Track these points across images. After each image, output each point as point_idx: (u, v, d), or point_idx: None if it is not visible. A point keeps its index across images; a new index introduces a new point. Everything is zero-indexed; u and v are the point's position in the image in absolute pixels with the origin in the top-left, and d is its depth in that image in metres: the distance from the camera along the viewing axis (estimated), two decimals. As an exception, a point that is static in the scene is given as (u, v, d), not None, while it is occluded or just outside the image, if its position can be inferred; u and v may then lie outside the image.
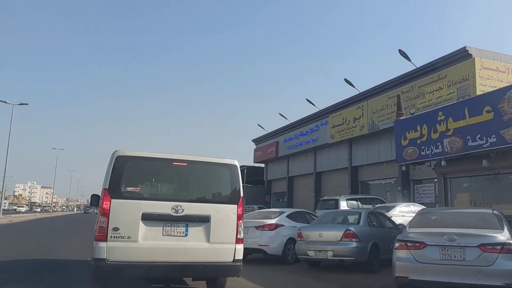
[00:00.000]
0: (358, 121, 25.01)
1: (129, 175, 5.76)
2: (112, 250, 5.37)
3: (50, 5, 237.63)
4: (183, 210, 5.72)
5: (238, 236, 5.98)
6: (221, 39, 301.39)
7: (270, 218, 10.61)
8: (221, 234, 5.88)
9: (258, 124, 39.43)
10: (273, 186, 40.90)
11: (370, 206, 17.92)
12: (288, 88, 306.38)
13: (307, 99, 30.23)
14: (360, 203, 17.89)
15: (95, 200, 6.18)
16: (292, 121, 34.45)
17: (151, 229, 5.59)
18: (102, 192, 5.61)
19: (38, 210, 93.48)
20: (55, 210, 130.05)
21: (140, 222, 5.53)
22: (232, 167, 6.25)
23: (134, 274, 5.59)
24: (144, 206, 5.63)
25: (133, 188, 5.72)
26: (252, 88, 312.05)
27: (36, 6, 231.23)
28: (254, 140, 42.37)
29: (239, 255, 5.95)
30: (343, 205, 17.27)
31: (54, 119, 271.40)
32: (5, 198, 70.89)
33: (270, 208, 29.08)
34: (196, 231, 5.76)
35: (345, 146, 28.04)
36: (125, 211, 5.55)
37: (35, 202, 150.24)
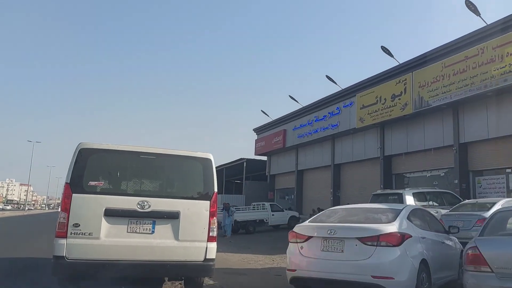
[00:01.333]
0: (399, 99, 20.11)
1: (92, 169, 5.51)
2: (72, 247, 5.11)
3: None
4: (149, 206, 5.41)
5: (211, 234, 5.60)
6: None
7: (381, 221, 5.54)
8: (191, 232, 5.52)
9: (262, 111, 34.30)
10: (277, 182, 35.86)
11: (441, 202, 13.20)
12: (300, 66, 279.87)
13: (327, 76, 25.26)
14: (429, 198, 13.07)
15: None
16: (304, 105, 29.43)
17: (114, 225, 5.30)
18: (64, 186, 5.38)
19: (8, 207, 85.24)
20: (32, 208, 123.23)
21: (103, 218, 5.26)
22: (205, 161, 5.89)
23: (95, 273, 5.25)
24: (107, 201, 5.34)
25: (96, 182, 5.45)
26: (254, 69, 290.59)
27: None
28: (255, 130, 37.17)
29: (211, 254, 5.56)
30: (409, 200, 12.46)
31: (32, 111, 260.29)
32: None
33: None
34: (163, 228, 5.44)
35: (375, 131, 23.18)
36: (87, 207, 5.25)
37: (12, 200, 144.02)
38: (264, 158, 37.41)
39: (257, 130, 36.87)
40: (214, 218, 5.66)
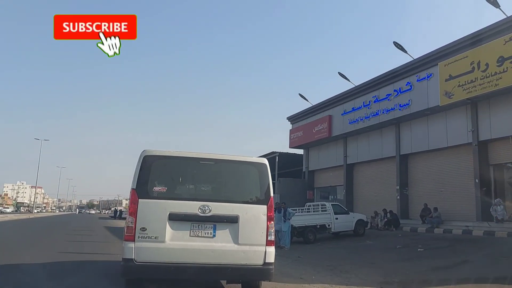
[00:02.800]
0: (511, 62, 14.95)
1: (156, 175, 5.72)
2: (139, 250, 5.29)
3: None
4: (210, 210, 5.53)
5: (269, 238, 5.65)
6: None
7: None
8: (250, 236, 5.60)
9: (300, 94, 29.25)
10: (316, 179, 30.82)
11: None
12: (351, 39, 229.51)
13: (394, 43, 20.20)
14: None
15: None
16: (357, 84, 24.35)
17: (178, 229, 5.47)
18: (130, 192, 5.58)
19: (8, 210, 79.24)
20: (43, 210, 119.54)
21: (167, 222, 5.43)
22: (261, 166, 5.99)
23: (161, 275, 5.45)
24: (171, 206, 5.50)
25: (160, 188, 5.64)
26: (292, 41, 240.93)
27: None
28: (290, 118, 32.11)
29: (270, 258, 5.60)
30: None
31: (44, 112, 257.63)
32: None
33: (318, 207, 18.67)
34: (224, 232, 5.56)
35: (463, 110, 18.09)
36: (152, 211, 5.47)
37: (23, 203, 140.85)
38: (299, 151, 32.46)
39: (292, 119, 31.84)
40: (272, 222, 5.70)
